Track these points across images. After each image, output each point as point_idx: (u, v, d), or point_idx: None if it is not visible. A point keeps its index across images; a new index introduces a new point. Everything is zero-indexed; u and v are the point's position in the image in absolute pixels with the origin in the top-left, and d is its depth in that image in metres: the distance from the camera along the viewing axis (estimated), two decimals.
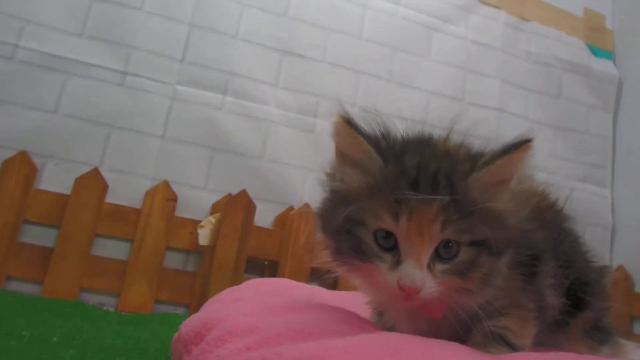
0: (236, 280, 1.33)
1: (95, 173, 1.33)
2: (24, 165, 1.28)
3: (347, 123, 0.54)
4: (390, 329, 0.63)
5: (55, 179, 1.32)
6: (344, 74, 1.58)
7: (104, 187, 1.33)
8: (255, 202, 1.43)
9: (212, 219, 1.37)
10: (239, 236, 1.38)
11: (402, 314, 0.61)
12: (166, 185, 1.38)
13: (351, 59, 1.59)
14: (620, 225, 1.77)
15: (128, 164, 1.38)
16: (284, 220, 1.45)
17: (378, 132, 0.57)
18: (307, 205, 1.45)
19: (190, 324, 0.62)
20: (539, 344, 0.62)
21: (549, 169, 1.72)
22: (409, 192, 0.49)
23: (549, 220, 0.66)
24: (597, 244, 1.76)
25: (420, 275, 0.50)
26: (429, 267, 0.51)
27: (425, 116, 1.64)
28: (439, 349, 0.49)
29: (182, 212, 1.39)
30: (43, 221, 1.29)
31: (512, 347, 0.56)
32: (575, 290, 0.64)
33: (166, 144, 1.41)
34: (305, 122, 1.52)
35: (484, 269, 0.53)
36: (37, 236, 1.28)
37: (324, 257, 0.59)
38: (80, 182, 1.31)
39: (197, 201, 1.41)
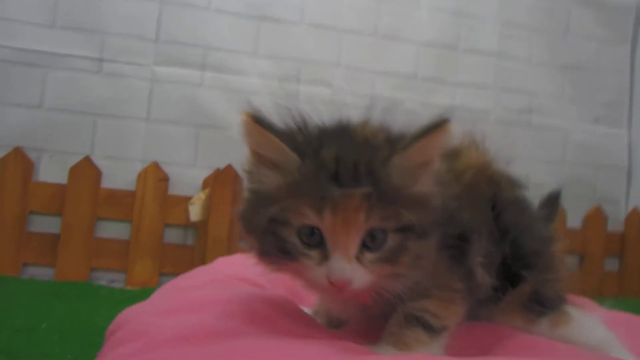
0: (232, 252, 1.40)
1: (87, 161, 1.40)
2: (20, 161, 1.37)
3: (257, 122, 0.51)
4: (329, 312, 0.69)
5: (52, 171, 1.40)
6: (325, 34, 1.51)
7: (97, 173, 1.41)
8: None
9: (202, 195, 1.42)
10: (230, 210, 1.43)
11: (334, 299, 0.64)
12: (156, 166, 1.43)
13: (332, 16, 1.51)
14: (637, 166, 1.66)
15: (117, 149, 1.43)
16: None
17: (294, 126, 0.56)
18: None
19: (114, 320, 0.65)
20: (475, 318, 0.65)
21: (557, 113, 1.62)
22: (330, 186, 0.48)
23: (483, 194, 0.64)
24: (612, 187, 1.69)
25: (349, 268, 0.50)
26: (357, 258, 0.50)
27: (415, 70, 1.57)
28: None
29: (175, 190, 1.45)
30: (46, 211, 1.39)
31: (430, 329, 0.58)
32: (510, 265, 0.64)
33: (151, 126, 1.44)
34: (287, 89, 1.50)
35: (412, 253, 0.53)
36: (44, 225, 1.39)
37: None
38: (74, 172, 1.39)
39: (188, 178, 1.46)
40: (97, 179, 1.41)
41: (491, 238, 0.63)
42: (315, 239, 0.51)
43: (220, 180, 1.44)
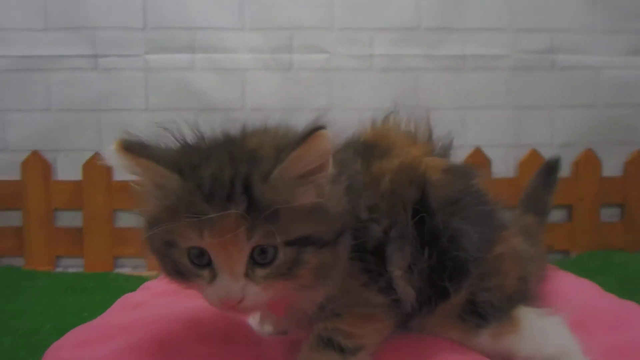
0: None
1: (97, 157, 1.46)
2: (38, 163, 1.46)
3: (127, 149, 0.51)
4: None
5: (68, 169, 1.48)
6: None
7: (108, 168, 1.47)
8: None
9: None
10: None
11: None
12: None
13: None
14: None
15: None
16: None
17: (176, 141, 0.56)
18: None
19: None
20: (410, 330, 0.63)
21: (585, 48, 1.43)
22: (205, 207, 0.47)
23: (406, 199, 0.59)
24: None
25: (236, 286, 0.49)
26: (247, 275, 0.50)
27: (417, 21, 1.44)
28: None
29: None
30: (68, 207, 1.48)
31: (343, 351, 0.56)
32: (436, 278, 0.59)
33: (151, 115, 1.47)
34: (280, 61, 1.44)
35: (311, 265, 0.51)
36: (69, 219, 1.49)
37: None
38: (87, 168, 1.46)
39: None
40: (109, 172, 1.47)
41: (415, 247, 0.58)
42: (204, 259, 0.50)
43: None
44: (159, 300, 0.81)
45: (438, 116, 1.40)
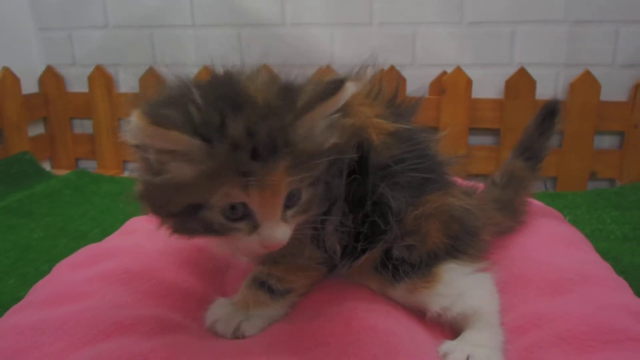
0: None
1: (152, 71, 1.58)
2: (101, 77, 1.61)
3: (155, 124, 0.46)
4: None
5: (128, 82, 1.62)
6: None
7: (162, 82, 1.58)
8: (289, 68, 1.50)
9: None
10: None
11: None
12: (206, 70, 1.55)
13: None
14: None
15: (173, 56, 1.58)
16: None
17: (188, 103, 0.50)
18: (328, 67, 1.46)
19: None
20: (340, 276, 0.67)
21: None
22: (252, 164, 0.48)
23: (346, 161, 0.60)
24: None
25: (280, 231, 0.52)
26: (282, 218, 0.53)
27: None
28: None
29: None
30: None
31: (273, 292, 0.63)
32: (355, 237, 0.62)
33: (197, 31, 1.53)
34: None
35: (319, 197, 0.56)
36: None
37: None
38: (143, 82, 1.59)
39: None
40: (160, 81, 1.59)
41: (345, 207, 0.61)
42: (239, 213, 0.51)
43: None
44: (150, 226, 0.83)
45: (485, 31, 1.35)
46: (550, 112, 0.84)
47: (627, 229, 1.12)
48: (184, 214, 0.51)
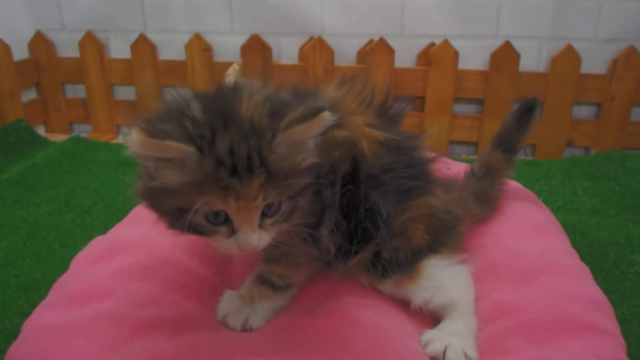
0: None
1: (143, 38, 1.58)
2: (92, 43, 1.62)
3: (152, 137, 0.51)
4: None
5: (120, 48, 1.63)
6: None
7: (152, 48, 1.59)
8: (279, 37, 1.52)
9: (236, 66, 1.53)
10: (261, 80, 1.53)
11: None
12: (198, 37, 1.56)
13: None
14: None
15: (166, 23, 1.58)
16: (306, 53, 1.52)
17: (183, 116, 0.56)
18: (319, 39, 1.48)
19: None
20: (334, 271, 0.73)
21: None
22: (230, 179, 0.53)
23: (341, 170, 0.66)
24: None
25: (255, 237, 0.57)
26: (259, 226, 0.58)
27: None
28: None
29: (219, 58, 1.59)
30: (123, 82, 1.66)
31: (275, 287, 0.71)
32: (348, 241, 0.69)
33: None
34: None
35: (302, 208, 0.62)
36: (125, 93, 1.68)
37: None
38: (135, 48, 1.60)
39: (229, 46, 1.57)
40: (154, 52, 1.60)
41: (339, 212, 0.67)
42: (221, 218, 0.57)
43: (248, 51, 1.54)
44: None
45: (473, 3, 1.38)
46: (528, 108, 0.89)
47: (596, 201, 1.21)
48: (174, 214, 0.58)
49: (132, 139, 0.52)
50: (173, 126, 0.54)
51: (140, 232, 0.84)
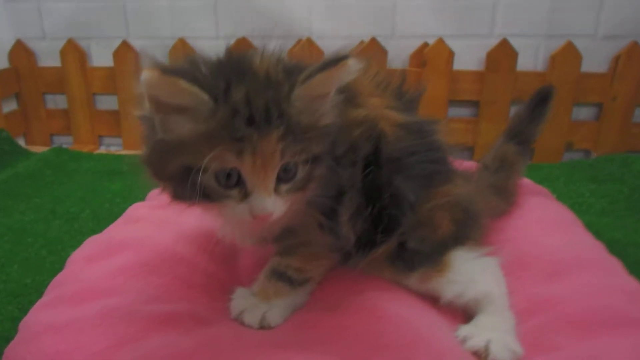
0: None
1: (125, 45, 1.53)
2: (73, 51, 1.56)
3: (165, 74, 0.48)
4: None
5: (102, 56, 1.57)
6: None
7: (135, 55, 1.54)
8: (267, 40, 1.46)
9: None
10: None
11: (248, 229, 0.67)
12: (183, 42, 1.50)
13: None
14: None
15: (148, 29, 1.52)
16: (296, 55, 1.46)
17: (196, 68, 0.53)
18: (308, 40, 1.43)
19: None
20: (353, 266, 0.69)
21: None
22: (247, 129, 0.49)
23: (362, 152, 0.62)
24: None
25: (270, 201, 0.52)
26: (275, 190, 0.53)
27: None
28: None
29: None
30: (105, 91, 1.60)
31: (292, 282, 0.66)
32: (372, 228, 0.64)
33: (172, 2, 1.48)
34: None
35: (317, 179, 0.57)
36: (108, 103, 1.62)
37: None
38: (117, 55, 1.54)
39: (214, 50, 1.50)
40: (137, 60, 1.54)
41: (361, 197, 0.62)
42: (233, 180, 0.52)
43: None
44: (155, 214, 0.86)
45: (466, 2, 1.33)
46: (543, 97, 0.84)
47: (605, 203, 1.15)
48: (180, 177, 0.52)
49: (144, 78, 0.48)
50: (191, 73, 0.50)
51: (139, 230, 0.80)
